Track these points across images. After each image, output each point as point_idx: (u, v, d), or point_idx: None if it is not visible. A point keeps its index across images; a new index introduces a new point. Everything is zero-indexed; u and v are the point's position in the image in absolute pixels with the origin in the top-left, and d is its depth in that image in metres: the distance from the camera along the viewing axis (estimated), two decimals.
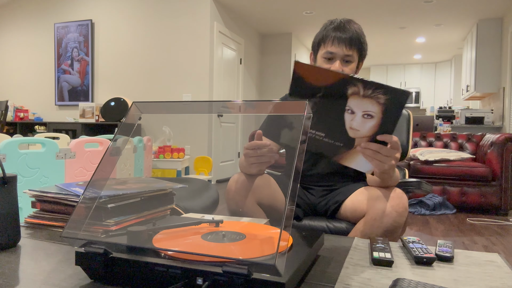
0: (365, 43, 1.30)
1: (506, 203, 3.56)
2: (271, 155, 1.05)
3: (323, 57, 1.29)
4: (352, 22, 1.30)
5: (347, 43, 1.24)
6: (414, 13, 5.83)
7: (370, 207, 1.16)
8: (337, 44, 1.25)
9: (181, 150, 4.31)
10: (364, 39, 1.30)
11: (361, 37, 1.28)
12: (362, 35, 1.29)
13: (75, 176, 1.85)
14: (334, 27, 1.27)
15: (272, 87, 7.11)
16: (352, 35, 1.25)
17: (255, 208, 1.27)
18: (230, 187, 1.27)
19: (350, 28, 1.26)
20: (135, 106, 0.78)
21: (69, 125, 5.46)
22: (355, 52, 1.27)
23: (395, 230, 1.12)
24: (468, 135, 4.20)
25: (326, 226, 1.36)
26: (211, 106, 0.80)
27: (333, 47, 1.25)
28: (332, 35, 1.26)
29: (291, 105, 0.73)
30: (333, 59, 1.27)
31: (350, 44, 1.25)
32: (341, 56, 1.26)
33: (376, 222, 1.13)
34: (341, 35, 1.25)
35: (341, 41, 1.25)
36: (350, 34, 1.25)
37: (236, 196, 1.25)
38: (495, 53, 5.83)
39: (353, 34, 1.25)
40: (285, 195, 1.46)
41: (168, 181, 1.03)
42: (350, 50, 1.25)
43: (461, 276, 0.73)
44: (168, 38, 5.30)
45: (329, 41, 1.26)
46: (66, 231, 0.66)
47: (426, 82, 9.44)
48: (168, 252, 0.63)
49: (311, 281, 0.68)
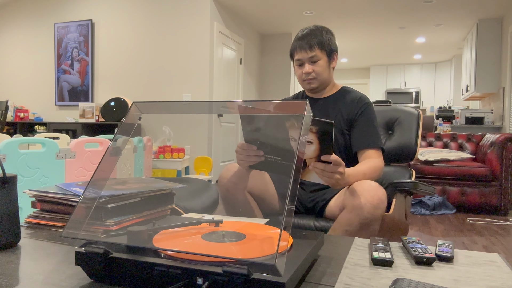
0: (328, 40, 1.49)
1: (506, 203, 3.56)
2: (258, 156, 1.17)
3: (296, 65, 1.54)
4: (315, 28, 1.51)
5: (307, 48, 1.47)
6: (414, 13, 5.83)
7: (347, 201, 1.27)
8: (300, 51, 1.49)
9: (181, 150, 4.31)
10: (328, 37, 1.50)
11: (321, 36, 1.48)
12: (325, 34, 1.49)
13: (75, 176, 1.85)
14: (297, 38, 1.51)
15: (272, 87, 7.11)
16: (310, 40, 1.47)
17: (245, 195, 1.39)
18: (223, 174, 1.40)
19: (310, 34, 1.49)
20: (135, 106, 0.78)
21: (69, 125, 5.46)
22: (318, 51, 1.48)
23: (371, 222, 1.20)
24: (468, 135, 4.20)
25: (313, 224, 1.41)
26: (211, 106, 0.80)
27: (298, 54, 1.50)
28: (295, 45, 1.51)
29: (291, 105, 0.73)
30: (303, 64, 1.51)
31: (310, 48, 1.47)
32: (307, 59, 1.49)
33: (352, 215, 1.22)
34: (301, 42, 1.49)
35: (302, 47, 1.48)
36: (310, 40, 1.47)
37: (227, 183, 1.37)
38: (495, 53, 5.83)
39: (312, 38, 1.47)
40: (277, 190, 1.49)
41: (168, 181, 1.03)
42: (312, 51, 1.47)
43: (461, 276, 0.73)
44: (168, 38, 5.30)
45: (295, 51, 1.51)
46: (66, 231, 0.66)
47: (426, 82, 9.44)
48: (168, 252, 0.63)
49: (311, 281, 0.68)
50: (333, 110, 1.53)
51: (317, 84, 1.52)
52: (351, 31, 6.92)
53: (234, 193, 1.38)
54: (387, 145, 1.77)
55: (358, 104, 1.50)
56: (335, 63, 1.54)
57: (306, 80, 1.52)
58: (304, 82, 1.53)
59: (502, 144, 3.57)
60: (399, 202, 1.48)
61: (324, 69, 1.50)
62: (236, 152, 1.25)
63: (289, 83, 7.02)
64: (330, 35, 1.52)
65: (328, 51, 1.49)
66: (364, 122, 1.48)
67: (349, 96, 1.54)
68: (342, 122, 1.50)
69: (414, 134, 1.74)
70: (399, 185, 1.43)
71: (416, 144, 1.73)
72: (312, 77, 1.50)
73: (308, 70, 1.49)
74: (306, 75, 1.50)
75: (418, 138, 1.75)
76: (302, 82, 1.54)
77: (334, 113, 1.52)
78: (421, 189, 1.45)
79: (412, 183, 1.43)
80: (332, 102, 1.55)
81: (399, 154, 1.76)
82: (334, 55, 1.52)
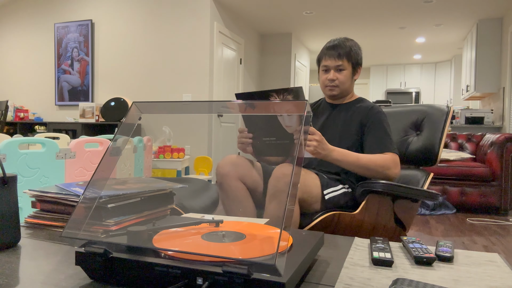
0: (355, 53, 1.60)
1: (506, 203, 3.56)
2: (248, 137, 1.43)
3: (322, 70, 1.64)
4: (346, 40, 1.63)
5: (335, 56, 1.58)
6: (414, 13, 5.83)
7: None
8: (328, 58, 1.59)
9: (181, 150, 4.31)
10: (356, 50, 1.61)
11: (351, 49, 1.59)
12: (353, 47, 1.61)
13: (75, 176, 1.85)
14: (327, 47, 1.62)
15: (272, 87, 7.10)
16: (340, 50, 1.58)
17: (237, 183, 1.50)
18: (219, 163, 1.54)
19: (340, 45, 1.59)
20: (135, 106, 0.78)
21: (69, 125, 5.45)
22: (345, 61, 1.58)
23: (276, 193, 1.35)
24: (468, 135, 4.20)
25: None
26: (211, 106, 0.80)
27: (326, 61, 1.60)
28: (325, 53, 1.62)
29: (291, 105, 0.73)
30: (328, 70, 1.61)
31: (338, 56, 1.58)
32: (334, 67, 1.59)
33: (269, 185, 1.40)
34: (331, 51, 1.59)
35: (331, 56, 1.59)
36: (339, 50, 1.58)
37: (221, 171, 1.51)
38: (495, 53, 5.83)
39: (342, 49, 1.58)
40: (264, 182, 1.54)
41: (168, 181, 1.03)
42: (339, 61, 1.58)
43: (461, 276, 0.73)
44: (168, 38, 5.30)
45: (324, 57, 1.62)
46: (66, 231, 0.66)
47: (426, 82, 9.44)
48: (168, 252, 0.63)
49: (311, 281, 0.68)
50: (345, 115, 1.61)
51: (338, 92, 1.61)
52: (351, 31, 6.92)
53: (228, 180, 1.49)
54: (411, 147, 1.67)
55: (370, 112, 1.56)
56: (357, 76, 1.64)
57: (329, 87, 1.61)
58: (326, 88, 1.63)
59: (502, 144, 3.57)
60: (376, 204, 1.39)
61: (347, 79, 1.60)
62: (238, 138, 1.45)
63: (289, 83, 7.02)
64: (358, 49, 1.62)
65: (354, 64, 1.60)
66: (376, 129, 1.53)
67: (363, 104, 1.61)
68: (352, 127, 1.57)
69: (439, 133, 1.62)
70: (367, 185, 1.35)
71: (439, 145, 1.60)
72: (335, 85, 1.60)
73: (333, 77, 1.58)
74: (330, 81, 1.60)
75: (441, 141, 1.60)
76: (325, 87, 1.63)
77: (347, 118, 1.60)
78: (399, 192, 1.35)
79: (382, 184, 1.33)
80: (346, 109, 1.63)
81: (420, 158, 1.65)
82: (358, 68, 1.63)
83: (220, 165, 1.53)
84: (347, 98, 1.67)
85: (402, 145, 1.72)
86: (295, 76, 7.32)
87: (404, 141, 1.73)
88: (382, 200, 1.40)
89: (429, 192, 1.39)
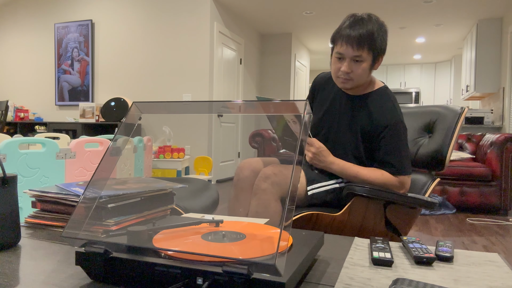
0: (379, 41, 1.30)
1: (506, 203, 3.56)
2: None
3: (335, 57, 1.36)
4: (370, 18, 1.31)
5: (355, 44, 1.28)
6: (414, 13, 5.83)
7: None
8: (346, 45, 1.29)
9: (181, 150, 4.31)
10: (380, 35, 1.30)
11: (374, 34, 1.29)
12: (377, 32, 1.29)
13: (75, 176, 1.85)
14: (347, 25, 1.31)
15: (272, 87, 7.11)
16: (362, 34, 1.27)
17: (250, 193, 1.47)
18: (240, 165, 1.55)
19: (363, 25, 1.28)
20: (135, 106, 0.78)
21: (69, 125, 5.46)
22: (365, 52, 1.29)
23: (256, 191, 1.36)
24: (468, 135, 4.19)
25: None
26: (211, 106, 0.80)
27: (342, 48, 1.31)
28: (343, 35, 1.30)
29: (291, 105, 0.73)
30: (343, 59, 1.33)
31: (358, 45, 1.28)
32: (350, 57, 1.31)
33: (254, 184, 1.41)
34: (351, 33, 1.28)
35: (349, 42, 1.28)
36: (360, 33, 1.27)
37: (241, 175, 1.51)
38: (495, 53, 5.83)
39: (363, 33, 1.27)
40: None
41: (168, 181, 1.03)
42: (358, 51, 1.28)
43: (461, 276, 0.73)
44: (168, 38, 5.30)
45: (339, 41, 1.31)
46: (66, 231, 0.66)
47: (426, 82, 9.44)
48: (168, 252, 0.63)
49: (311, 281, 0.68)
50: (359, 108, 1.42)
51: (351, 86, 1.38)
52: None
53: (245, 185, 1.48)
54: (421, 151, 1.58)
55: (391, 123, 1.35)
56: (378, 65, 1.37)
57: (341, 78, 1.36)
58: (338, 79, 1.38)
59: (502, 144, 3.57)
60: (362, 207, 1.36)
61: (365, 72, 1.34)
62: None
63: (289, 83, 7.02)
64: (384, 33, 1.33)
65: (376, 53, 1.32)
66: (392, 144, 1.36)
67: (384, 106, 1.38)
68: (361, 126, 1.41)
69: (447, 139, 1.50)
70: (352, 188, 1.32)
71: (447, 151, 1.49)
72: (349, 78, 1.35)
73: (347, 70, 1.32)
74: (343, 73, 1.34)
75: (450, 145, 1.49)
76: (337, 78, 1.38)
77: (361, 113, 1.41)
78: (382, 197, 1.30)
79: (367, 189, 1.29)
80: (362, 101, 1.42)
81: (428, 162, 1.55)
82: (380, 57, 1.35)
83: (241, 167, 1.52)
84: (363, 88, 1.42)
85: (413, 148, 1.62)
86: (295, 76, 7.32)
87: (415, 144, 1.63)
88: (370, 204, 1.37)
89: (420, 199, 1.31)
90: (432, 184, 1.54)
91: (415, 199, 1.34)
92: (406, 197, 1.35)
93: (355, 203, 1.35)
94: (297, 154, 0.60)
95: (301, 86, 7.93)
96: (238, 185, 1.51)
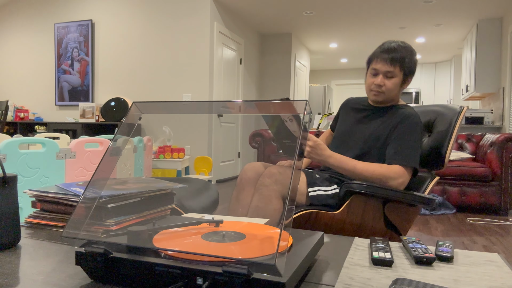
0: (410, 61, 1.49)
1: (506, 203, 3.56)
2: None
3: (370, 73, 1.55)
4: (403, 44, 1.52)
5: (388, 61, 1.48)
6: (414, 13, 5.83)
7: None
8: (380, 62, 1.50)
9: (181, 150, 4.31)
10: (411, 58, 1.50)
11: (406, 57, 1.48)
12: (408, 55, 1.49)
13: (75, 176, 1.85)
14: (381, 49, 1.52)
15: (272, 87, 7.11)
16: (395, 55, 1.47)
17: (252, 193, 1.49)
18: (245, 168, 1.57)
19: (396, 49, 1.49)
20: (135, 106, 0.78)
21: (69, 125, 5.46)
22: (397, 69, 1.48)
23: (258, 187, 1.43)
24: (468, 135, 4.19)
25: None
26: (211, 106, 0.80)
27: (377, 64, 1.51)
28: (377, 55, 1.52)
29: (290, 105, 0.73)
30: (377, 74, 1.52)
31: (391, 61, 1.47)
32: (383, 72, 1.50)
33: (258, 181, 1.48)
34: (384, 55, 1.49)
35: (383, 59, 1.49)
36: (393, 54, 1.48)
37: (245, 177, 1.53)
38: (495, 53, 5.83)
39: (396, 54, 1.48)
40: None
41: (168, 181, 1.03)
42: (391, 67, 1.48)
43: (461, 276, 0.73)
44: (168, 38, 5.30)
45: (375, 59, 1.52)
46: (66, 231, 0.66)
47: (426, 82, 9.44)
48: (168, 252, 0.63)
49: (311, 281, 0.68)
50: (382, 118, 1.56)
51: (382, 98, 1.54)
52: (351, 31, 6.92)
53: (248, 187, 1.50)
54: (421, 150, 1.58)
55: (405, 120, 1.48)
56: (406, 86, 1.56)
57: (374, 91, 1.54)
58: (371, 92, 1.55)
59: (502, 144, 3.57)
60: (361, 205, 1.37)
61: (395, 87, 1.51)
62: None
63: (289, 83, 7.02)
64: (414, 56, 1.52)
65: (406, 72, 1.50)
66: (401, 139, 1.46)
67: (403, 111, 1.53)
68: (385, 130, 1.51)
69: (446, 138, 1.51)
70: (349, 186, 1.33)
71: (445, 150, 1.50)
72: (381, 91, 1.52)
73: (380, 83, 1.51)
74: (376, 86, 1.52)
75: (449, 144, 1.50)
76: (370, 91, 1.56)
77: (383, 121, 1.54)
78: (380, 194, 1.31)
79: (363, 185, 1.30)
80: (385, 112, 1.57)
81: (428, 160, 1.56)
82: (409, 77, 1.53)
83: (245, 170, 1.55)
84: (389, 103, 1.60)
85: None
86: (295, 76, 7.32)
87: None
88: (369, 202, 1.37)
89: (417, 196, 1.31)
90: (431, 182, 1.54)
91: (413, 196, 1.34)
92: (404, 194, 1.35)
93: (353, 201, 1.35)
94: (297, 155, 0.60)
95: (301, 86, 7.93)
96: (241, 185, 1.53)
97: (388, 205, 1.40)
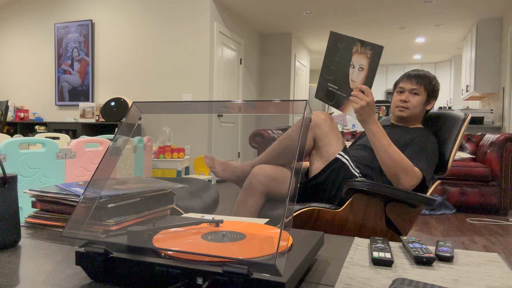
0: (432, 83, 1.63)
1: (506, 203, 3.56)
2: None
3: (396, 92, 1.68)
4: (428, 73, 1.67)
5: (414, 79, 1.62)
6: (414, 13, 5.83)
7: None
8: (406, 81, 1.64)
9: (181, 150, 4.31)
10: (435, 83, 1.64)
11: (430, 78, 1.63)
12: (432, 80, 1.64)
13: (75, 176, 1.85)
14: (407, 74, 1.66)
15: (272, 87, 7.11)
16: (419, 76, 1.62)
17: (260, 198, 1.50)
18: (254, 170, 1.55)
19: (421, 75, 1.63)
20: (135, 106, 0.78)
21: (69, 125, 5.46)
22: (422, 88, 1.61)
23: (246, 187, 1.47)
24: (468, 135, 4.19)
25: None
26: (211, 106, 0.80)
27: (403, 83, 1.65)
28: (403, 77, 1.67)
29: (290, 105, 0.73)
30: (403, 92, 1.64)
31: (416, 81, 1.61)
32: (409, 89, 1.62)
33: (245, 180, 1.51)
34: (411, 73, 1.64)
35: (409, 78, 1.64)
36: (418, 78, 1.62)
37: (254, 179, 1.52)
38: (494, 53, 5.83)
39: (421, 75, 1.63)
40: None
41: (168, 181, 1.03)
42: (416, 85, 1.61)
43: (461, 276, 0.73)
44: (168, 38, 5.30)
45: (402, 79, 1.67)
46: (66, 231, 0.66)
47: None
48: (168, 252, 0.63)
49: (311, 281, 0.68)
50: (400, 135, 1.60)
51: (407, 114, 1.63)
52: (351, 31, 6.92)
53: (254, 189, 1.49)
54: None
55: (422, 135, 1.55)
56: (430, 107, 1.66)
57: (399, 107, 1.63)
58: (396, 108, 1.65)
59: (502, 144, 3.57)
60: (362, 204, 1.38)
61: (419, 104, 1.62)
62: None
63: (289, 83, 7.03)
64: (437, 83, 1.65)
65: (430, 92, 1.62)
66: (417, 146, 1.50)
67: (420, 129, 1.62)
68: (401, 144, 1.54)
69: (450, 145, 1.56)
70: (352, 184, 1.33)
71: (449, 156, 1.54)
72: (406, 106, 1.62)
73: (405, 99, 1.62)
74: (402, 102, 1.63)
75: (453, 151, 1.54)
76: (395, 108, 1.66)
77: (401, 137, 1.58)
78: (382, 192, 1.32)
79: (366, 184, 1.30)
80: (404, 131, 1.63)
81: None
82: (432, 100, 1.65)
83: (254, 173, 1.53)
84: (411, 124, 1.67)
85: None
86: (295, 76, 7.32)
87: None
88: (371, 201, 1.37)
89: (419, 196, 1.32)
90: (432, 186, 1.55)
91: (414, 196, 1.34)
92: (406, 194, 1.35)
93: (355, 200, 1.36)
94: (297, 156, 0.60)
95: (301, 86, 7.93)
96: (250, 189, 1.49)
97: (389, 205, 1.40)
